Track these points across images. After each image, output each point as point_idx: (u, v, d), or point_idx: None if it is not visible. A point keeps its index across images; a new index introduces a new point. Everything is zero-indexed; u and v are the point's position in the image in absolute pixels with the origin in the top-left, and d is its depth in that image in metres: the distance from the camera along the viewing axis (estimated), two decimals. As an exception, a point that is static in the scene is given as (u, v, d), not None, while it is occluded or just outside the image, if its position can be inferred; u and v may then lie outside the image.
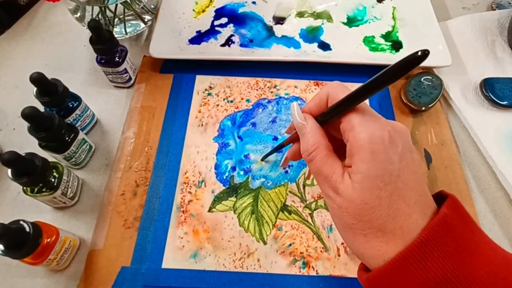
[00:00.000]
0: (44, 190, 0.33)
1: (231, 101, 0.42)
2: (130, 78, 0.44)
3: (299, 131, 0.25)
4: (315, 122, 0.25)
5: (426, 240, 0.20)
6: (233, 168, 0.38)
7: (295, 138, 0.29)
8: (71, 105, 0.38)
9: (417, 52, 0.18)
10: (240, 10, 0.50)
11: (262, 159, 0.38)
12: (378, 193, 0.21)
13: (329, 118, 0.24)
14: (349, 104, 0.22)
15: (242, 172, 0.38)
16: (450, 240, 0.20)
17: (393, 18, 0.50)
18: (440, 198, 0.23)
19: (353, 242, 0.23)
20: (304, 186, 0.37)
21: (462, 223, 0.21)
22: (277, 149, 0.34)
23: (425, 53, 0.18)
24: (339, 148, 0.25)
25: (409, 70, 0.19)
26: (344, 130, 0.23)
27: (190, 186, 0.37)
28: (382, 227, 0.21)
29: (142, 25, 0.48)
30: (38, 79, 0.33)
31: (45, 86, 0.35)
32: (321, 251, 0.34)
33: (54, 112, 0.36)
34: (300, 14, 0.50)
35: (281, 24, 0.49)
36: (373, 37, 0.48)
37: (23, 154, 0.30)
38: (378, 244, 0.21)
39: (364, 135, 0.21)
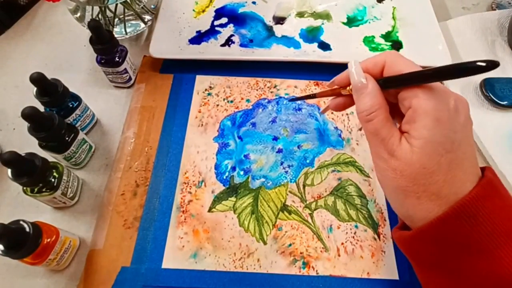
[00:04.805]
0: (44, 190, 0.33)
1: (231, 101, 0.42)
2: (130, 78, 0.44)
3: (357, 91, 0.25)
4: (375, 83, 0.25)
5: (477, 197, 0.21)
6: (233, 168, 0.38)
7: (337, 93, 0.29)
8: (71, 105, 0.38)
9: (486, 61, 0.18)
10: (240, 10, 0.50)
11: (291, 100, 0.41)
12: (438, 159, 0.22)
13: (394, 86, 0.24)
14: (421, 80, 0.22)
15: (242, 172, 0.38)
16: (498, 200, 0.21)
17: (393, 18, 0.50)
18: None
19: (403, 203, 0.23)
20: (304, 186, 0.37)
21: (504, 188, 0.23)
22: (311, 97, 0.34)
23: (495, 64, 0.18)
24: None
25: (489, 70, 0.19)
26: (406, 97, 0.23)
27: (190, 186, 0.37)
28: (437, 191, 0.22)
29: (142, 25, 0.48)
30: (38, 79, 0.33)
31: (45, 86, 0.35)
32: (321, 251, 0.34)
33: (54, 112, 0.36)
34: (300, 14, 0.50)
35: (281, 24, 0.49)
36: (373, 37, 0.48)
37: (23, 154, 0.30)
38: (430, 207, 0.22)
39: (430, 102, 0.22)
